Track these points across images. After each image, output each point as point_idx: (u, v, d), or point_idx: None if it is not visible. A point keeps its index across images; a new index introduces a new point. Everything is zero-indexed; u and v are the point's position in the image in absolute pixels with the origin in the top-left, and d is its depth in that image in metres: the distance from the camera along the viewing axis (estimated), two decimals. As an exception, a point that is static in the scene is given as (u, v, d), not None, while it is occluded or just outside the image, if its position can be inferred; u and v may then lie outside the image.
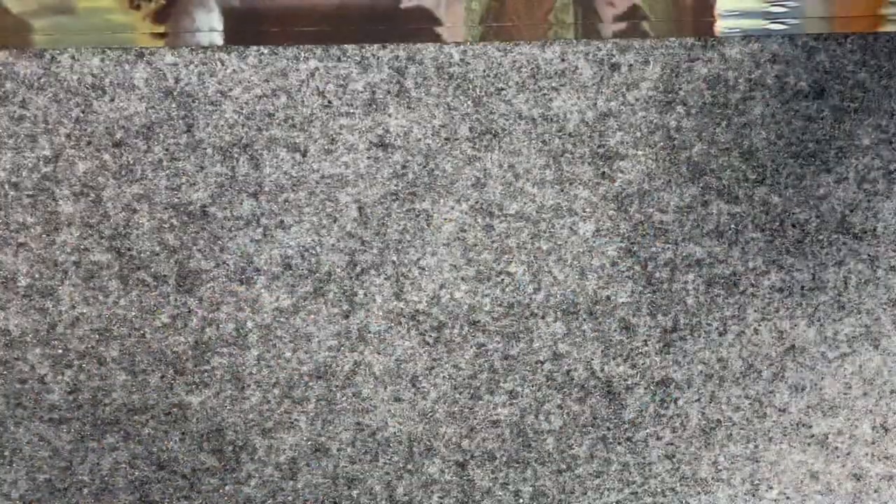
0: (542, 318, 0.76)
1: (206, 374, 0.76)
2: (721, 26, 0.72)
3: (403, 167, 0.74)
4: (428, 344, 0.76)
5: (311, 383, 0.77)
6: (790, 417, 0.78)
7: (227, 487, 0.78)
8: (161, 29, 0.72)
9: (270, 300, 0.76)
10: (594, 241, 0.75)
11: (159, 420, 0.77)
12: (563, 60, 0.73)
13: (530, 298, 0.76)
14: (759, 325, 0.77)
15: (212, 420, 0.77)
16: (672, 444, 0.78)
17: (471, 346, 0.76)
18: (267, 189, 0.74)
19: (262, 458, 0.78)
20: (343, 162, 0.74)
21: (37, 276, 0.75)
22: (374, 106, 0.73)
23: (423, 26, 0.72)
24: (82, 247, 0.75)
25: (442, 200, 0.75)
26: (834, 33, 0.73)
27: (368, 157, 0.74)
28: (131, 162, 0.74)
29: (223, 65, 0.73)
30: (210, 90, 0.73)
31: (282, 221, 0.75)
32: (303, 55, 0.73)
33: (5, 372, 0.76)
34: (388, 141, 0.74)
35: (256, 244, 0.75)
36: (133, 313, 0.76)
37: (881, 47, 0.73)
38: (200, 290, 0.75)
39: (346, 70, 0.73)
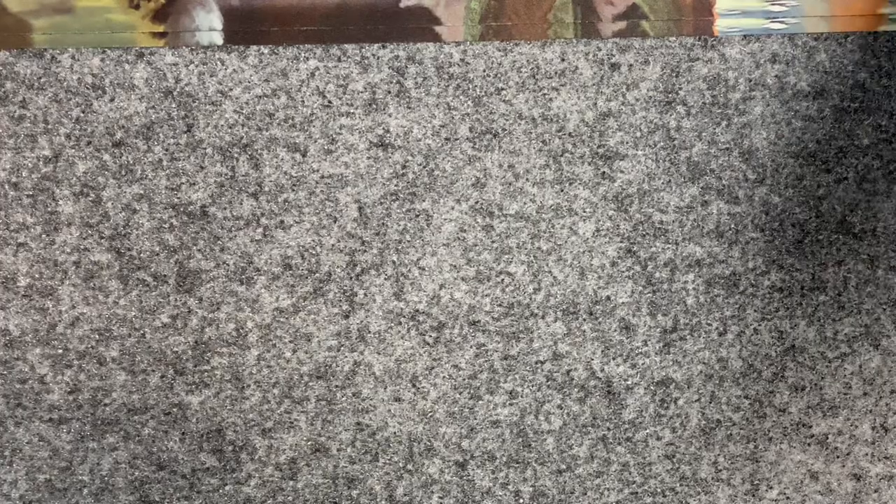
0: (542, 318, 0.76)
1: (206, 374, 0.76)
2: (721, 26, 0.72)
3: (403, 167, 0.74)
4: (428, 344, 0.76)
5: (311, 383, 0.77)
6: (790, 417, 0.78)
7: (227, 487, 0.78)
8: (160, 28, 0.72)
9: (270, 300, 0.76)
10: (594, 241, 0.75)
11: (159, 420, 0.77)
12: (563, 60, 0.73)
13: (530, 298, 0.76)
14: (759, 325, 0.77)
15: (212, 420, 0.77)
16: (672, 444, 0.78)
17: (471, 346, 0.76)
18: (267, 189, 0.74)
19: (262, 458, 0.78)
20: (343, 162, 0.74)
21: (37, 276, 0.75)
22: (374, 106, 0.73)
23: (422, 26, 0.72)
24: (82, 247, 0.75)
25: (442, 200, 0.75)
26: (834, 33, 0.73)
27: (368, 157, 0.74)
28: (131, 162, 0.74)
29: (223, 65, 0.73)
30: (210, 90, 0.73)
31: (282, 221, 0.75)
32: (303, 55, 0.73)
33: (5, 372, 0.76)
34: (388, 141, 0.74)
35: (256, 244, 0.75)
36: (133, 313, 0.76)
37: (881, 47, 0.73)
38: (200, 290, 0.75)
39: (346, 70, 0.73)
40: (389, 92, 0.73)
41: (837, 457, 0.79)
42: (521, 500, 0.79)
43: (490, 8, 0.72)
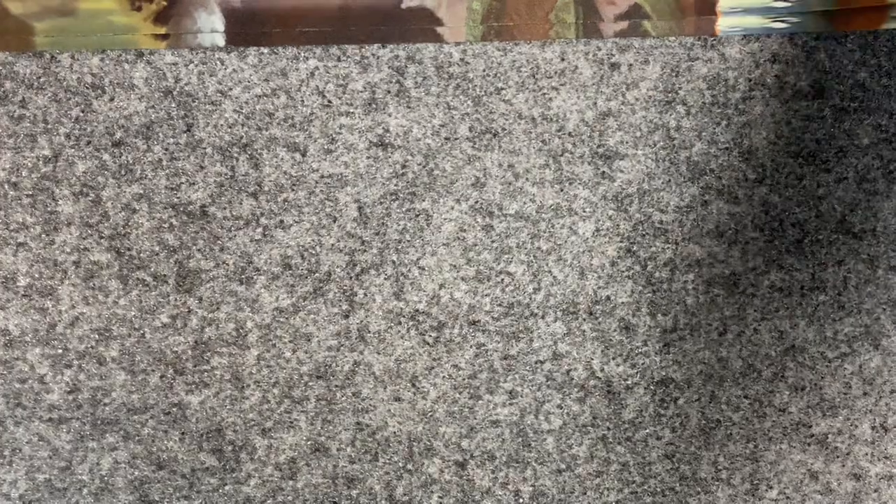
0: (542, 317, 0.76)
1: (206, 374, 0.76)
2: (723, 25, 0.72)
3: (403, 167, 0.74)
4: (428, 344, 0.76)
5: (310, 383, 0.77)
6: (790, 417, 0.78)
7: (226, 487, 0.78)
8: (162, 30, 0.72)
9: (270, 300, 0.76)
10: (594, 241, 0.75)
11: (159, 420, 0.77)
12: (562, 60, 0.73)
13: (530, 298, 0.76)
14: (759, 325, 0.77)
15: (212, 420, 0.77)
16: (672, 443, 0.78)
17: (471, 346, 0.76)
18: (267, 189, 0.74)
19: (262, 458, 0.78)
20: (343, 162, 0.74)
21: (37, 275, 0.75)
22: (374, 105, 0.73)
23: (424, 27, 0.72)
24: (82, 247, 0.75)
25: (442, 200, 0.75)
26: (834, 32, 0.73)
27: (368, 157, 0.74)
28: (131, 162, 0.74)
29: (223, 64, 0.73)
30: (210, 90, 0.73)
31: (282, 221, 0.75)
32: (302, 55, 0.73)
33: (5, 372, 0.76)
34: (387, 140, 0.74)
35: (256, 244, 0.75)
36: (133, 313, 0.76)
37: (881, 47, 0.73)
38: (200, 289, 0.75)
39: (346, 70, 0.73)
40: (389, 91, 0.73)
41: (837, 457, 0.79)
42: (521, 500, 0.79)
43: (492, 8, 0.72)
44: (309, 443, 0.78)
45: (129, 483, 0.78)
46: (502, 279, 0.76)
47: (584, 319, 0.76)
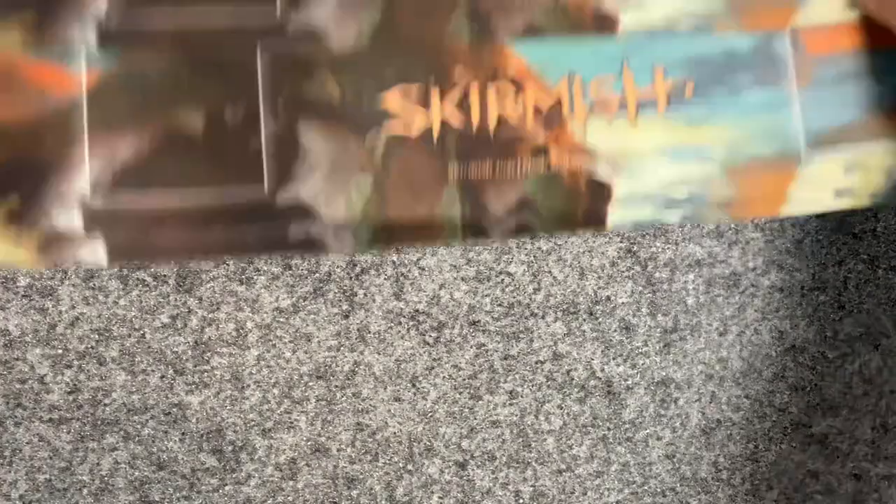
0: (542, 318, 0.76)
1: (206, 375, 0.76)
2: (614, 218, 0.57)
3: (403, 167, 0.74)
4: (428, 344, 0.76)
5: (310, 383, 0.77)
6: (790, 417, 0.78)
7: (226, 487, 0.78)
8: (13, 234, 0.50)
9: (270, 300, 0.76)
10: (594, 241, 0.75)
11: (159, 420, 0.77)
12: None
13: (530, 298, 0.76)
14: (760, 325, 0.77)
15: (212, 420, 0.77)
16: (672, 443, 0.78)
17: (471, 346, 0.76)
18: (267, 189, 0.74)
19: (262, 458, 0.78)
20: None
21: (36, 275, 0.75)
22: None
23: (304, 230, 0.49)
24: (82, 247, 0.75)
25: (442, 200, 0.75)
26: (730, 220, 0.68)
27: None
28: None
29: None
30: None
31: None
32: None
33: (5, 372, 0.76)
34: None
35: (256, 244, 0.75)
36: (133, 313, 0.76)
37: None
38: (200, 289, 0.75)
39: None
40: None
41: (837, 457, 0.79)
42: (521, 500, 0.79)
43: (373, 201, 0.53)
44: (309, 443, 0.78)
45: (129, 483, 0.78)
46: (502, 279, 0.76)
47: (585, 319, 0.76)
